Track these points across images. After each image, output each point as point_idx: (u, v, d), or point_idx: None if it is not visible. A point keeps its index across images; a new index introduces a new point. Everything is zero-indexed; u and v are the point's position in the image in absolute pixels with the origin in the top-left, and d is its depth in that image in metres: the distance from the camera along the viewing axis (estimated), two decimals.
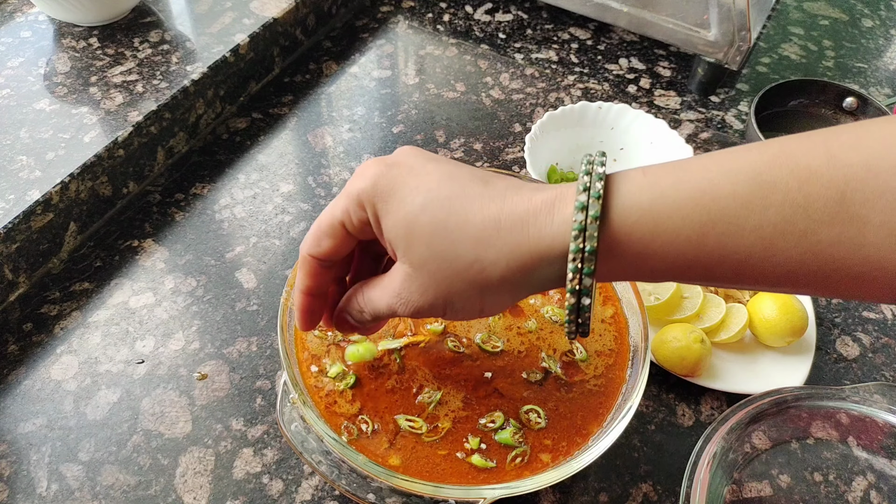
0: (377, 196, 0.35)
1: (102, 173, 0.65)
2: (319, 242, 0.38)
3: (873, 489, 0.52)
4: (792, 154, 0.29)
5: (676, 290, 0.58)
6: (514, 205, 0.33)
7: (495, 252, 0.33)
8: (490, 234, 0.33)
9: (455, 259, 0.33)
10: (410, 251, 0.34)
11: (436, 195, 0.34)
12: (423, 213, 0.34)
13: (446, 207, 0.34)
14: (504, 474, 0.45)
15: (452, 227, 0.33)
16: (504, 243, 0.33)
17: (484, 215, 0.33)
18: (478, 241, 0.33)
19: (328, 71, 0.84)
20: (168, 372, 0.57)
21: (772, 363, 0.58)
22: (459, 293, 0.34)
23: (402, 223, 0.34)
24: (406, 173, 0.35)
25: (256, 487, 0.51)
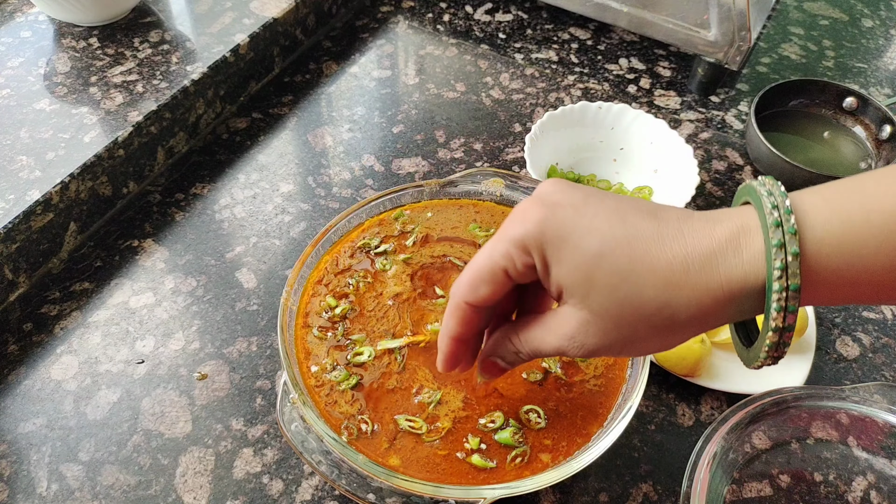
0: (546, 242, 0.34)
1: (102, 173, 0.65)
2: (477, 289, 0.36)
3: (873, 489, 0.52)
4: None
5: None
6: (696, 242, 0.32)
7: (686, 295, 0.32)
8: (679, 277, 0.32)
9: (641, 305, 0.33)
10: (589, 298, 0.33)
11: (613, 239, 0.33)
12: (602, 259, 0.33)
13: (627, 253, 0.33)
14: (504, 474, 0.45)
15: (638, 273, 0.32)
16: (695, 285, 0.32)
17: (669, 257, 0.32)
18: (666, 285, 0.32)
19: (328, 71, 0.84)
20: (168, 372, 0.57)
21: None
22: (643, 336, 0.34)
23: (578, 270, 0.33)
24: (573, 214, 0.34)
25: (256, 487, 0.51)
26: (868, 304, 0.35)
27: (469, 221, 0.58)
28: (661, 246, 0.32)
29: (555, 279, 0.34)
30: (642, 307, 0.33)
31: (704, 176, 0.75)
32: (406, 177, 0.73)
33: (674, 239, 0.33)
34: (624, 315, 0.33)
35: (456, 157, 0.75)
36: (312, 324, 0.51)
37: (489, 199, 0.60)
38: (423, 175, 0.73)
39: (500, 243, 0.35)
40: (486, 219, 0.59)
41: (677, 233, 0.33)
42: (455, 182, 0.59)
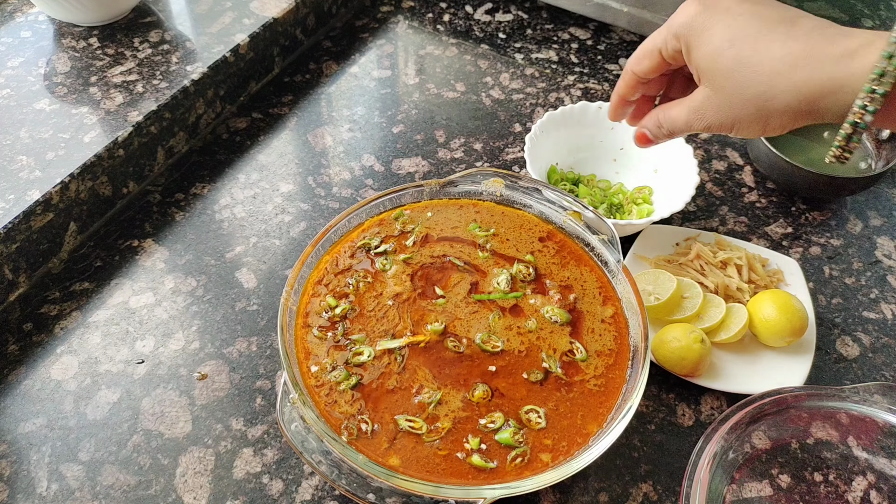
0: (692, 31, 0.42)
1: (102, 173, 0.65)
2: (640, 62, 0.47)
3: (873, 489, 0.52)
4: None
5: (676, 290, 0.58)
6: (815, 44, 0.38)
7: (786, 84, 0.39)
8: (786, 68, 0.39)
9: (749, 87, 0.40)
10: (714, 77, 0.42)
11: (742, 33, 0.40)
12: (729, 48, 0.41)
13: (750, 45, 0.40)
14: (504, 474, 0.45)
15: (753, 62, 0.40)
16: (797, 77, 0.38)
17: (783, 52, 0.39)
18: (773, 75, 0.39)
19: (328, 71, 0.84)
20: (168, 372, 0.57)
21: (772, 363, 0.58)
22: (748, 115, 0.41)
23: (710, 55, 0.41)
24: (721, 13, 0.41)
25: (256, 487, 0.51)
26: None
27: (469, 221, 0.58)
28: (782, 44, 0.39)
29: (695, 61, 0.43)
30: (750, 88, 0.40)
31: (704, 176, 0.75)
32: (406, 177, 0.73)
33: (796, 39, 0.39)
34: (735, 94, 0.41)
35: (456, 157, 0.75)
36: (312, 324, 0.51)
37: (489, 199, 0.60)
38: (423, 175, 0.73)
39: (661, 30, 0.45)
40: (486, 219, 0.59)
41: (804, 37, 0.39)
42: (455, 182, 0.59)
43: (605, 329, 0.52)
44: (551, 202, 0.58)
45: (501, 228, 0.58)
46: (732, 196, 0.73)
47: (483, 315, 0.52)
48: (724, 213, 0.71)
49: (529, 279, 0.55)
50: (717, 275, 0.62)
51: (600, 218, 0.56)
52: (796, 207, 0.72)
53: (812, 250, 0.69)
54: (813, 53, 0.38)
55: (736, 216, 0.71)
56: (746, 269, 0.62)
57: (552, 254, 0.57)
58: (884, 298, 0.65)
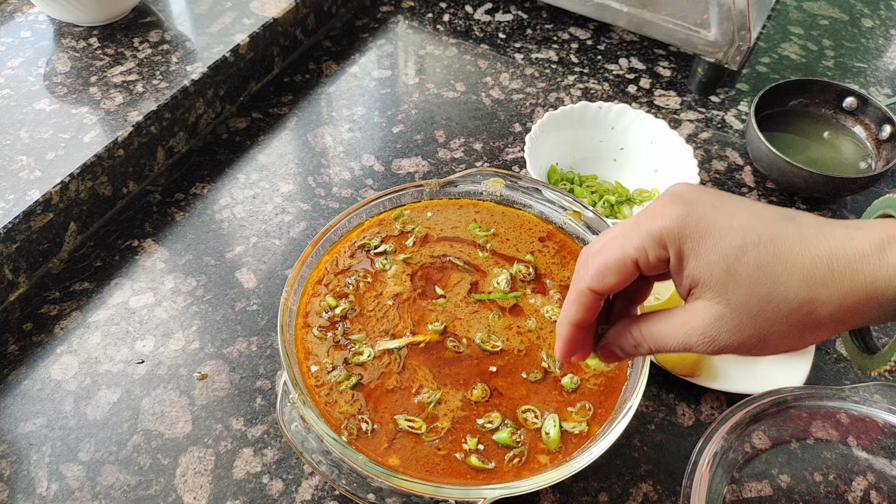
0: (686, 236, 0.34)
1: (102, 173, 0.65)
2: (604, 278, 0.36)
3: (873, 489, 0.52)
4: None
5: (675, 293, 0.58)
6: (839, 245, 0.33)
7: (828, 293, 0.33)
8: (823, 275, 0.33)
9: (783, 301, 0.33)
10: (728, 292, 0.34)
11: (756, 236, 0.34)
12: (744, 254, 0.33)
13: (771, 250, 0.33)
14: (503, 474, 0.45)
15: (780, 270, 0.33)
16: (839, 284, 0.33)
17: (813, 256, 0.33)
18: (809, 283, 0.33)
19: (328, 71, 0.84)
20: (168, 372, 0.57)
21: (772, 363, 0.57)
22: (779, 333, 0.34)
23: (719, 264, 0.34)
24: (712, 212, 0.34)
25: (256, 487, 0.51)
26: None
27: (469, 221, 0.58)
28: (805, 246, 0.33)
29: (690, 273, 0.35)
30: (783, 303, 0.33)
31: (704, 176, 0.75)
32: (406, 177, 0.73)
33: (816, 240, 0.33)
34: (764, 310, 0.34)
35: (456, 157, 0.75)
36: (312, 324, 0.51)
37: (489, 199, 0.60)
38: (423, 175, 0.73)
39: (635, 236, 0.35)
40: (486, 219, 0.59)
41: (819, 235, 0.34)
42: (455, 182, 0.59)
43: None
44: (551, 202, 0.58)
45: (501, 228, 0.58)
46: None
47: (483, 315, 0.52)
48: None
49: (529, 279, 0.55)
50: None
51: (600, 218, 0.55)
52: (796, 207, 0.72)
53: None
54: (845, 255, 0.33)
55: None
56: None
57: (552, 254, 0.57)
58: None
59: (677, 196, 0.35)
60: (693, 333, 0.36)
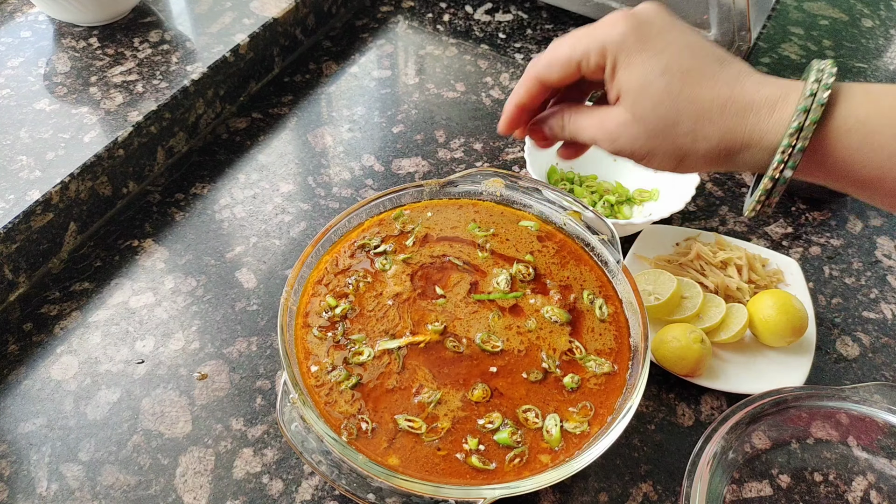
0: (622, 50, 0.39)
1: (102, 173, 0.65)
2: (551, 69, 0.42)
3: (873, 489, 0.52)
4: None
5: (676, 290, 0.58)
6: (742, 93, 0.38)
7: (710, 129, 0.38)
8: (714, 113, 0.38)
9: (674, 125, 0.39)
10: (637, 104, 0.39)
11: (676, 64, 0.38)
12: (660, 77, 0.38)
13: (682, 79, 0.38)
14: (504, 474, 0.45)
15: (682, 98, 0.38)
16: (723, 124, 0.38)
17: (713, 95, 0.38)
18: (699, 116, 0.38)
19: (328, 71, 0.84)
20: (168, 372, 0.57)
21: (772, 363, 0.58)
22: (664, 150, 0.40)
23: (638, 79, 0.39)
24: (655, 35, 0.39)
25: (256, 487, 0.51)
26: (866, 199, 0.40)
27: (469, 221, 0.58)
28: (713, 84, 0.38)
29: (618, 82, 0.40)
30: (674, 126, 0.39)
31: (704, 176, 0.75)
32: (406, 177, 0.73)
33: (725, 83, 0.38)
34: (657, 127, 0.39)
35: (456, 157, 0.75)
36: (312, 324, 0.51)
37: (489, 199, 0.60)
38: (423, 175, 0.73)
39: (584, 39, 0.40)
40: (486, 219, 0.59)
41: (732, 81, 0.38)
42: (455, 182, 0.59)
43: (605, 329, 0.52)
44: (551, 202, 0.58)
45: (501, 228, 0.58)
46: (732, 196, 0.73)
47: (483, 315, 0.52)
48: (724, 213, 0.71)
49: (529, 279, 0.55)
50: (717, 275, 0.62)
51: (600, 218, 0.55)
52: (796, 207, 0.72)
53: (812, 250, 0.69)
54: (739, 102, 0.37)
55: (736, 216, 0.71)
56: (746, 269, 0.62)
57: (552, 254, 0.57)
58: (884, 298, 0.65)
59: (633, 14, 0.40)
60: (601, 131, 0.41)
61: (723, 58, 0.39)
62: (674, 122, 0.39)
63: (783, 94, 0.37)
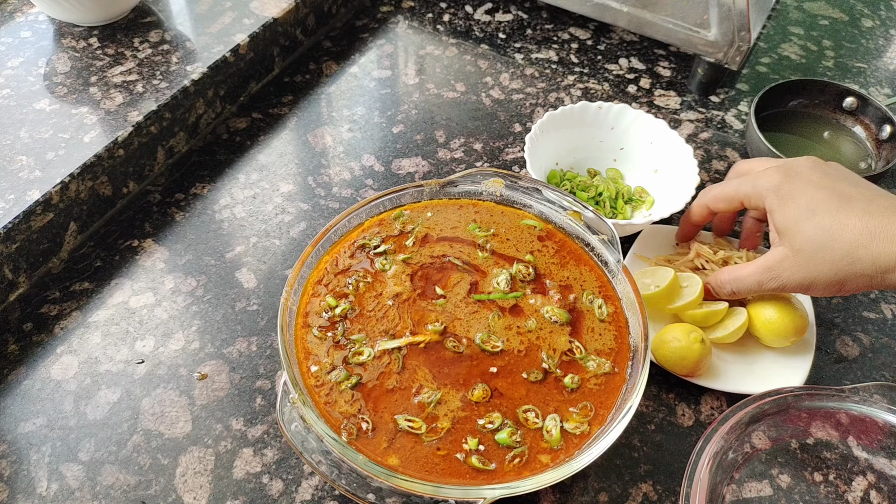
0: (777, 196, 0.51)
1: (102, 173, 0.65)
2: (718, 203, 0.57)
3: (873, 489, 0.52)
4: None
5: (674, 278, 0.58)
6: (887, 221, 0.46)
7: (865, 253, 0.46)
8: (865, 240, 0.46)
9: (831, 251, 0.47)
10: (795, 239, 0.49)
11: (824, 207, 0.48)
12: (811, 216, 0.49)
13: (831, 216, 0.48)
14: (504, 474, 0.45)
15: (835, 229, 0.47)
16: (875, 248, 0.46)
17: (862, 225, 0.47)
18: (852, 243, 0.47)
19: (328, 71, 0.84)
20: (168, 372, 0.57)
21: (772, 363, 0.57)
22: (825, 278, 0.49)
23: (793, 219, 0.49)
24: (804, 185, 0.50)
25: (256, 487, 0.51)
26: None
27: (469, 221, 0.58)
28: (860, 217, 0.47)
29: (776, 222, 0.51)
30: (831, 252, 0.47)
31: (704, 176, 0.75)
32: (406, 177, 0.73)
33: (872, 216, 0.47)
34: (816, 256, 0.48)
35: (456, 157, 0.75)
36: (312, 324, 0.51)
37: (489, 199, 0.60)
38: (423, 175, 0.73)
39: (746, 185, 0.54)
40: (486, 219, 0.59)
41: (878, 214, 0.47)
42: (455, 182, 0.59)
43: (605, 329, 0.52)
44: (551, 202, 0.58)
45: (501, 228, 0.58)
46: None
47: (483, 315, 0.52)
48: None
49: (529, 279, 0.55)
50: None
51: (600, 218, 0.56)
52: None
53: None
54: (887, 230, 0.46)
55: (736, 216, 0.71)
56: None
57: (552, 253, 0.57)
58: (884, 298, 0.65)
59: (786, 167, 0.52)
60: (765, 270, 0.51)
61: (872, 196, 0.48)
62: (830, 249, 0.47)
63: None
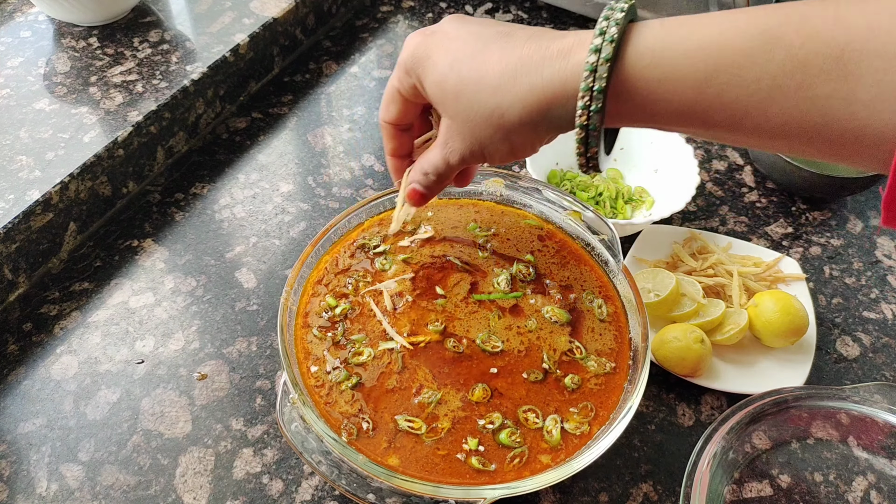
0: (417, 62, 0.40)
1: (102, 173, 0.65)
2: (387, 108, 0.44)
3: (873, 489, 0.52)
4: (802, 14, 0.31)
5: (675, 286, 0.58)
6: (531, 52, 0.36)
7: (511, 97, 0.37)
8: (507, 81, 0.37)
9: (479, 108, 0.38)
10: (446, 106, 0.40)
11: (461, 54, 0.38)
12: (450, 71, 0.38)
13: (468, 64, 0.38)
14: (504, 474, 0.45)
15: (474, 81, 0.38)
16: (520, 88, 0.36)
17: (502, 66, 0.37)
18: (496, 90, 0.37)
19: (328, 71, 0.84)
20: (168, 372, 0.57)
21: (772, 363, 0.57)
22: (489, 138, 0.39)
23: (436, 83, 0.39)
24: (440, 39, 0.40)
25: (256, 487, 0.51)
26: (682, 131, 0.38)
27: (469, 221, 0.58)
28: (499, 57, 0.37)
29: (426, 92, 0.40)
30: (480, 109, 0.38)
31: (704, 176, 0.75)
32: None
33: (512, 50, 0.37)
34: (470, 118, 0.39)
35: None
36: (312, 324, 0.51)
37: (489, 199, 0.60)
38: None
39: (394, 71, 0.42)
40: (486, 219, 0.59)
41: (518, 46, 0.37)
42: None
43: (605, 329, 0.52)
44: (551, 202, 0.58)
45: (501, 228, 0.58)
46: (732, 196, 0.73)
47: (483, 315, 0.52)
48: (724, 213, 0.71)
49: (529, 279, 0.55)
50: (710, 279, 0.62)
51: (600, 218, 0.55)
52: (796, 207, 0.72)
53: (812, 250, 0.69)
54: (530, 61, 0.36)
55: (736, 216, 0.71)
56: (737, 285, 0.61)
57: (552, 253, 0.57)
58: (884, 298, 0.65)
59: (424, 30, 0.41)
60: (442, 146, 0.41)
61: (511, 31, 0.38)
62: (477, 106, 0.38)
63: (578, 40, 0.36)
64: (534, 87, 0.36)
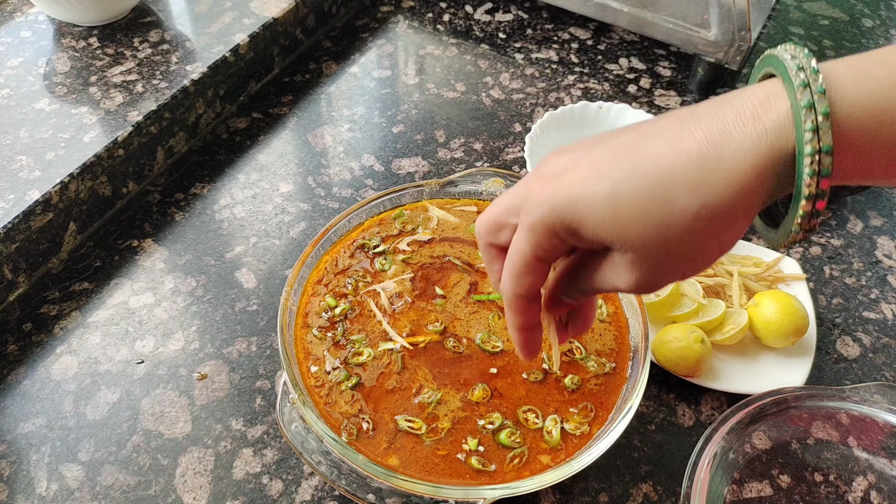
0: (562, 214, 0.31)
1: (102, 173, 0.65)
2: (520, 282, 0.35)
3: (873, 489, 0.52)
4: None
5: (676, 286, 0.58)
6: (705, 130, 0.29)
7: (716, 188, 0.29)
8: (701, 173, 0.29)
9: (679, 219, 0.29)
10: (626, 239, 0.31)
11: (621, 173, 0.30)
12: (618, 197, 0.30)
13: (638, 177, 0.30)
14: (504, 475, 0.45)
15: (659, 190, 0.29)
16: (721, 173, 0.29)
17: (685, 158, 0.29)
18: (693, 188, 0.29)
19: (328, 71, 0.84)
20: (168, 372, 0.57)
21: (772, 363, 0.57)
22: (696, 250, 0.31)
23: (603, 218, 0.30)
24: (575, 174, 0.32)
25: (256, 487, 0.51)
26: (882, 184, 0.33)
27: (469, 221, 0.58)
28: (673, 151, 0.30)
29: (589, 239, 0.32)
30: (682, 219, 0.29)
31: None
32: (406, 177, 0.73)
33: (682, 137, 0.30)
34: (667, 237, 0.30)
35: (456, 157, 0.75)
36: (312, 324, 0.51)
37: (489, 199, 0.60)
38: (423, 175, 0.73)
39: (522, 236, 0.34)
40: None
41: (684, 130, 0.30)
42: (455, 182, 0.59)
43: (605, 329, 0.52)
44: None
45: None
46: None
47: (483, 315, 0.52)
48: None
49: None
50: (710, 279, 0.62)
51: None
52: None
53: (812, 250, 0.69)
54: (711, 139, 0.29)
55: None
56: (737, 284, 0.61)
57: None
58: (884, 298, 0.65)
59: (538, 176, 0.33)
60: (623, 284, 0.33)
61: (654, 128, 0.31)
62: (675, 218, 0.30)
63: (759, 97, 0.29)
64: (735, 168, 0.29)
